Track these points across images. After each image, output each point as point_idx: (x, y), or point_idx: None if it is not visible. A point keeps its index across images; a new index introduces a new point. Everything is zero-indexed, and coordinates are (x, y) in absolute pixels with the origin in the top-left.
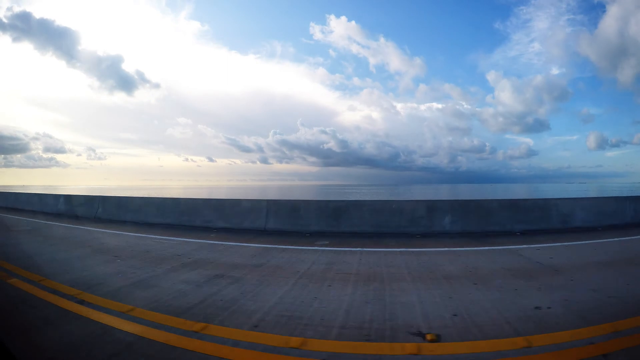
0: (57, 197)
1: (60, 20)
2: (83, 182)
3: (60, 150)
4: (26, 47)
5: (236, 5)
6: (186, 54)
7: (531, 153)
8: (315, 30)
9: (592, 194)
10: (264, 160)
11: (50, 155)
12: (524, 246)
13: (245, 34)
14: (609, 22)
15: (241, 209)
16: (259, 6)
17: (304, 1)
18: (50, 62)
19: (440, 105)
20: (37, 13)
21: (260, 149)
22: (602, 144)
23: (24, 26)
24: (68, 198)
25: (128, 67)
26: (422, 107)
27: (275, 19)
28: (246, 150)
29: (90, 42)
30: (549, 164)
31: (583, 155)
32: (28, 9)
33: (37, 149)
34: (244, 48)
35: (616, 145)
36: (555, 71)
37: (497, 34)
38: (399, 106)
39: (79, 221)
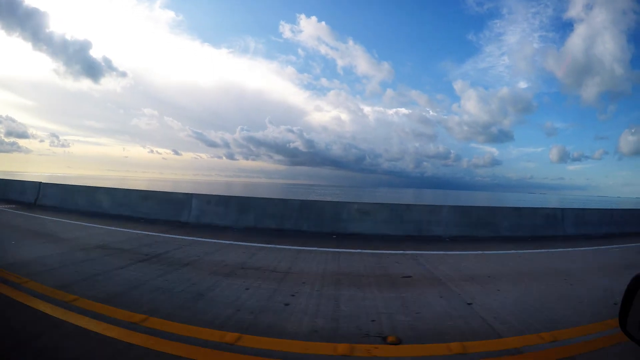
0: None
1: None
2: (45, 170)
3: (23, 135)
4: None
5: None
6: (158, 44)
7: (495, 162)
8: (285, 29)
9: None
10: (230, 156)
11: (12, 139)
12: None
13: (220, 27)
14: (576, 40)
15: None
16: (234, 0)
17: None
18: (17, 43)
19: (407, 111)
20: None
21: (226, 145)
22: (564, 158)
23: None
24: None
25: (96, 53)
26: (389, 111)
27: (250, 14)
28: (212, 145)
29: (58, 25)
30: (512, 174)
31: (546, 167)
32: None
33: None
34: (218, 41)
35: (578, 159)
36: (523, 85)
37: (469, 45)
38: (366, 109)
39: None
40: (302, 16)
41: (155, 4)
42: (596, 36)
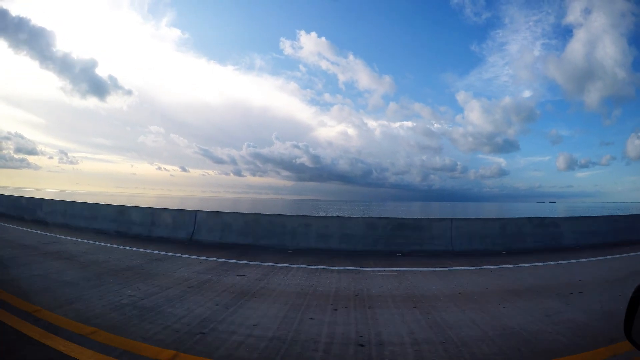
0: None
1: (37, 19)
2: (55, 186)
3: (32, 152)
4: (1, 45)
5: (218, 15)
6: (164, 62)
7: (502, 173)
8: (286, 45)
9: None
10: (238, 173)
11: (21, 156)
12: None
13: (225, 45)
14: (576, 46)
15: None
16: (239, 17)
17: (275, 16)
18: (24, 61)
19: (411, 124)
20: (14, 11)
21: (233, 161)
22: (572, 165)
23: (0, 23)
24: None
25: (101, 71)
26: (394, 125)
27: (253, 31)
28: (219, 161)
29: (65, 44)
30: (521, 183)
31: (553, 175)
32: (5, 6)
33: (8, 148)
34: (223, 59)
35: (585, 166)
36: (527, 93)
37: (473, 56)
38: (370, 123)
39: None
40: (302, 32)
41: (161, 23)
42: (596, 40)
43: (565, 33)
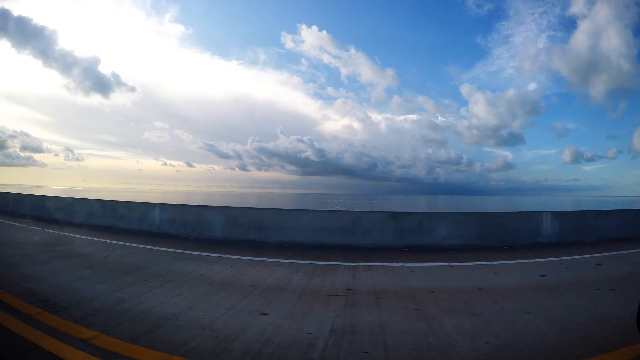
0: None
1: (38, 18)
2: (61, 183)
3: (38, 150)
4: (4, 45)
5: (220, 9)
6: (168, 58)
7: (508, 166)
8: (287, 40)
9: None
10: (243, 167)
11: (27, 154)
12: None
13: (229, 39)
14: (580, 37)
15: None
16: (241, 11)
17: (276, 9)
18: (27, 60)
19: (415, 117)
20: (16, 10)
21: (238, 156)
22: (578, 158)
23: (2, 23)
24: None
25: (104, 69)
26: (398, 118)
27: (257, 26)
28: (224, 156)
29: (67, 43)
30: (527, 177)
31: (560, 169)
32: (6, 6)
33: (14, 147)
34: (227, 53)
35: (591, 159)
36: (532, 86)
37: (478, 49)
38: (374, 117)
39: None
40: (303, 26)
41: (164, 19)
42: (601, 32)
43: (569, 24)
